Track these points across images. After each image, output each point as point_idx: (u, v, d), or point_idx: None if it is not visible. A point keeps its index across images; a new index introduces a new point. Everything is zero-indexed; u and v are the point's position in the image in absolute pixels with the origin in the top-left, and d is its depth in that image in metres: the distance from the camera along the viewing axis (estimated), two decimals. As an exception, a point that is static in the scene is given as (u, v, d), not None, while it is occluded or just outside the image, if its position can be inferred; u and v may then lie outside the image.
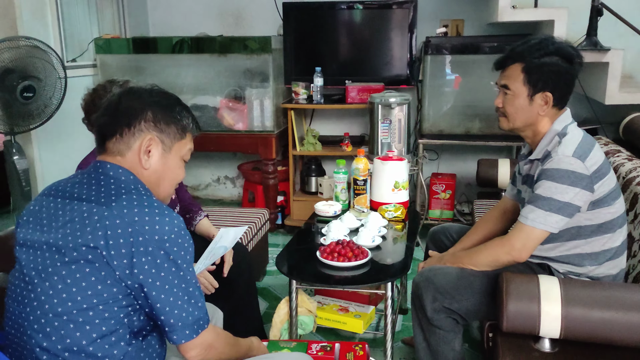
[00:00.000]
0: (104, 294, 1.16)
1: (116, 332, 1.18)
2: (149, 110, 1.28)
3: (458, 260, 1.86)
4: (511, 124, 1.80)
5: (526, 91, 1.73)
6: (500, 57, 1.80)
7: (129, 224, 1.15)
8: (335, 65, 3.80)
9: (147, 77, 3.74)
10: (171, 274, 1.18)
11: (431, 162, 3.94)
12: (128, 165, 1.28)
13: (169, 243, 1.18)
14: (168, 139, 1.31)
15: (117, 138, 1.27)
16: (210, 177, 4.59)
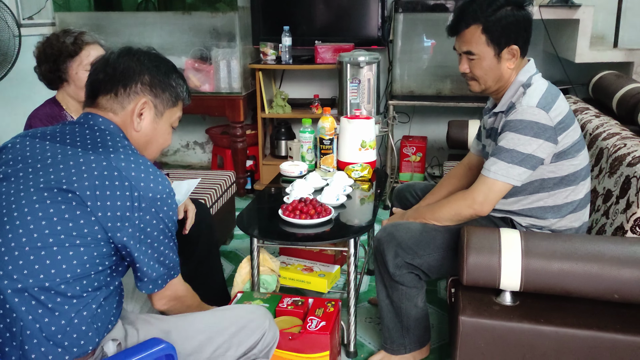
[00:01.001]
0: (84, 230, 1.14)
1: (89, 277, 1.16)
2: (146, 74, 1.29)
3: (420, 215, 1.83)
4: (483, 86, 1.74)
5: (492, 51, 1.67)
6: (451, 22, 1.73)
7: (127, 179, 1.16)
8: (305, 25, 3.70)
9: (109, 37, 3.56)
10: (157, 231, 1.21)
11: (402, 124, 3.89)
12: (119, 123, 1.28)
13: (160, 202, 1.20)
14: (161, 104, 1.32)
15: (111, 96, 1.27)
16: (178, 143, 4.49)
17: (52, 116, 1.85)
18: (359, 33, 3.62)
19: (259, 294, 1.92)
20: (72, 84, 1.86)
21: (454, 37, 1.76)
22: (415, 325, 1.86)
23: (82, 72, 1.84)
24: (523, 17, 1.65)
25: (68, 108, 1.92)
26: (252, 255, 1.95)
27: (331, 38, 3.60)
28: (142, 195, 1.17)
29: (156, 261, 1.24)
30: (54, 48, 1.83)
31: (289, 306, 1.83)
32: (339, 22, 3.66)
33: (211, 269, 2.14)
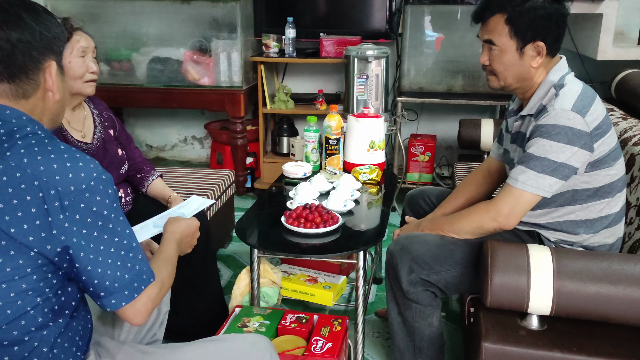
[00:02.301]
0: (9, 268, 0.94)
1: (26, 315, 0.97)
2: (38, 35, 1.04)
3: (437, 226, 1.67)
4: (502, 82, 1.58)
5: (514, 45, 1.51)
6: (477, 8, 1.57)
7: (34, 177, 0.93)
8: (309, 17, 3.52)
9: (104, 26, 3.41)
10: (98, 229, 0.99)
11: (410, 122, 3.72)
12: (30, 107, 1.06)
13: (88, 193, 0.97)
14: (60, 57, 1.10)
15: (17, 81, 1.03)
16: (176, 137, 4.32)
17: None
18: (366, 26, 3.44)
19: (259, 309, 1.77)
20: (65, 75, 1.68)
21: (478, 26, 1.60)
22: (428, 345, 1.70)
23: (75, 60, 1.67)
24: (556, 12, 1.48)
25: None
26: (252, 267, 1.79)
27: (337, 30, 3.42)
28: (61, 192, 0.94)
29: (114, 267, 1.00)
30: None
31: (292, 324, 1.67)
32: (345, 14, 3.48)
33: (207, 278, 1.98)
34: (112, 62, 3.51)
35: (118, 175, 1.88)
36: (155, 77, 3.44)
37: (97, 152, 1.82)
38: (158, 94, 3.43)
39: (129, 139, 2.01)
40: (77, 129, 1.80)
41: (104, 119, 1.92)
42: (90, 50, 1.71)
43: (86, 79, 1.70)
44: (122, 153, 1.92)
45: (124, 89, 3.47)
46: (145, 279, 1.06)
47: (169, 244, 1.28)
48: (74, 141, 1.76)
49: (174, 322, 2.00)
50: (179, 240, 1.33)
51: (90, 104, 1.92)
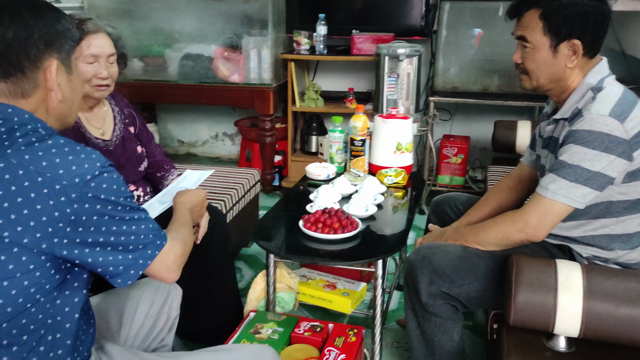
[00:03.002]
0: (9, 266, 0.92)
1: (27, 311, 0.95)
2: (37, 32, 1.01)
3: (461, 236, 1.58)
4: (534, 82, 1.48)
5: (548, 42, 1.41)
6: (513, 3, 1.48)
7: (37, 173, 0.92)
8: (343, 13, 3.45)
9: (137, 22, 3.43)
10: (107, 218, 0.98)
11: (443, 122, 3.61)
12: (32, 105, 1.03)
13: (94, 182, 0.96)
14: (67, 57, 1.07)
15: (14, 79, 1.01)
16: (207, 134, 4.32)
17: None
18: (401, 22, 3.35)
19: (273, 314, 1.71)
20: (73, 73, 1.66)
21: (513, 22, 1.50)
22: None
23: (83, 65, 1.64)
24: (595, 9, 1.37)
25: (72, 103, 1.74)
26: (267, 271, 1.74)
27: (370, 27, 3.34)
28: (66, 186, 0.93)
29: (121, 250, 1.01)
30: None
31: (306, 332, 1.62)
32: (379, 10, 3.40)
33: (224, 280, 1.95)
34: (145, 58, 3.53)
35: (136, 172, 1.86)
36: (186, 74, 3.43)
37: (115, 150, 1.80)
38: (188, 90, 3.43)
39: (150, 136, 1.99)
40: (96, 126, 1.78)
41: (125, 116, 1.90)
42: (104, 56, 1.67)
43: (94, 84, 1.67)
44: (141, 150, 1.90)
45: (156, 85, 3.48)
46: (159, 244, 1.07)
47: (182, 211, 1.36)
48: (91, 138, 1.74)
49: (189, 324, 1.98)
50: (190, 209, 1.40)
51: (112, 100, 1.90)
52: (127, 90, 3.50)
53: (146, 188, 1.89)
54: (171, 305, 1.42)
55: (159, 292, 1.40)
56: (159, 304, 1.40)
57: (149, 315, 1.37)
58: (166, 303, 1.41)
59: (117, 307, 1.33)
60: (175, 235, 1.17)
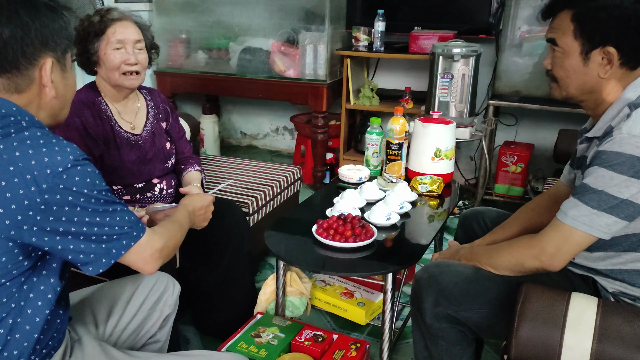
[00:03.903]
0: None
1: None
2: (34, 31, 1.04)
3: (475, 257, 1.46)
4: (564, 92, 1.34)
5: (578, 47, 1.26)
6: (546, 2, 1.33)
7: (10, 162, 0.94)
8: (406, 9, 3.33)
9: (201, 16, 3.51)
10: (79, 209, 0.99)
11: (508, 128, 3.40)
12: (25, 100, 1.06)
13: (66, 174, 0.97)
14: (62, 54, 1.09)
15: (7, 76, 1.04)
16: (268, 127, 4.35)
17: (84, 102, 1.73)
18: (466, 19, 3.18)
19: (279, 319, 1.68)
20: (102, 66, 1.72)
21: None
22: (458, 387, 1.51)
23: (111, 52, 1.69)
24: (637, 14, 1.21)
25: (104, 93, 1.79)
26: (277, 275, 1.71)
27: (433, 24, 3.20)
28: (37, 176, 0.94)
29: (94, 240, 1.02)
30: (83, 28, 1.69)
31: (307, 341, 1.57)
32: (443, 6, 3.25)
33: (239, 279, 1.94)
34: (209, 50, 3.60)
35: (163, 168, 1.88)
36: (244, 67, 3.47)
37: (144, 144, 1.83)
38: (246, 83, 3.46)
39: (181, 132, 2.01)
40: (127, 120, 1.82)
41: (159, 112, 1.93)
42: (131, 42, 1.71)
43: (123, 71, 1.71)
44: (170, 147, 1.92)
45: (217, 78, 3.54)
46: (135, 235, 1.08)
47: (181, 212, 1.40)
48: (121, 132, 1.78)
49: (206, 318, 2.00)
50: (191, 212, 1.44)
51: (148, 95, 1.94)
52: (190, 82, 3.61)
53: (171, 182, 1.92)
54: (166, 302, 1.42)
55: (155, 288, 1.41)
56: (153, 300, 1.40)
57: (141, 310, 1.38)
58: (161, 299, 1.42)
59: (110, 298, 1.35)
60: (159, 230, 1.18)
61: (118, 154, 1.74)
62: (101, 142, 1.71)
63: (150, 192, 1.83)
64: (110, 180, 1.75)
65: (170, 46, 3.65)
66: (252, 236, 2.21)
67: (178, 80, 3.62)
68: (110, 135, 1.75)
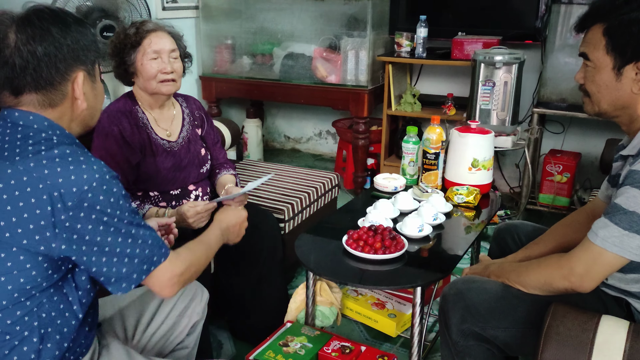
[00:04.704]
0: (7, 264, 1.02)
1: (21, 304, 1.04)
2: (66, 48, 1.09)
3: (504, 274, 1.43)
4: (596, 107, 1.30)
5: (611, 62, 1.23)
6: (580, 15, 1.29)
7: (39, 180, 0.99)
8: (450, 15, 3.29)
9: (244, 22, 3.58)
10: (102, 225, 1.02)
11: (555, 136, 3.30)
12: (56, 114, 1.11)
13: (91, 193, 1.01)
14: (92, 67, 1.15)
15: (42, 92, 1.09)
16: (312, 131, 4.39)
17: (122, 111, 1.80)
18: (511, 25, 3.11)
19: (309, 329, 1.70)
20: (139, 76, 1.79)
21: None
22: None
23: (147, 62, 1.76)
24: None
25: (141, 102, 1.86)
26: (307, 285, 1.73)
27: (477, 30, 3.15)
28: (64, 194, 0.98)
29: (116, 262, 1.05)
30: (119, 41, 1.77)
31: (334, 352, 1.58)
32: (488, 11, 3.19)
33: (272, 285, 1.97)
34: (252, 56, 3.66)
35: (198, 174, 1.94)
36: (287, 73, 3.51)
37: (179, 151, 1.89)
38: (288, 89, 3.50)
39: (216, 139, 2.06)
40: (163, 127, 1.89)
41: (194, 118, 1.99)
42: (166, 52, 1.77)
43: (160, 79, 1.77)
44: (205, 153, 1.98)
45: (259, 83, 3.60)
46: (156, 260, 1.10)
47: (212, 230, 1.38)
48: (157, 139, 1.85)
49: (238, 325, 2.05)
50: (224, 229, 1.41)
51: (184, 102, 2.00)
52: (235, 87, 3.68)
53: (206, 188, 1.97)
54: (194, 309, 1.47)
55: (183, 295, 1.45)
56: (182, 307, 1.45)
57: (169, 316, 1.42)
58: (189, 306, 1.46)
59: (139, 304, 1.40)
60: (183, 253, 1.19)
61: (154, 162, 1.81)
62: (138, 150, 1.78)
63: (186, 198, 1.89)
64: (146, 187, 1.82)
65: (216, 52, 3.73)
66: (287, 243, 2.24)
67: (223, 85, 3.70)
68: (147, 143, 1.82)
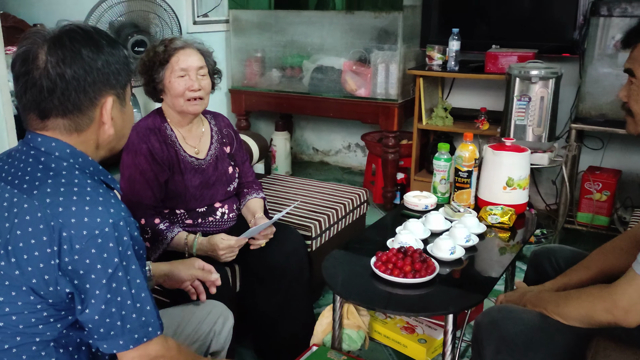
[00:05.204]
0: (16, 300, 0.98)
1: (35, 343, 1.00)
2: (96, 72, 1.04)
3: (542, 303, 1.36)
4: (638, 127, 1.22)
5: None
6: (627, 30, 1.22)
7: (52, 217, 0.95)
8: (484, 27, 3.22)
9: (274, 35, 3.57)
10: (106, 277, 0.96)
11: (594, 152, 3.18)
12: (79, 141, 1.06)
13: (101, 239, 0.95)
14: (122, 90, 1.09)
15: (68, 118, 1.04)
16: (341, 144, 4.34)
17: (150, 128, 1.79)
18: (548, 37, 3.02)
19: (335, 353, 1.65)
20: (167, 93, 1.78)
21: None
22: None
23: (175, 80, 1.74)
24: None
25: (170, 119, 1.85)
26: (334, 307, 1.68)
27: (513, 42, 3.06)
28: (73, 235, 0.94)
29: (108, 322, 0.98)
30: (148, 58, 1.76)
31: (360, 378, 1.53)
32: (523, 24, 3.10)
33: (297, 305, 1.92)
34: (281, 69, 3.65)
35: (225, 192, 1.91)
36: (316, 86, 3.48)
37: (207, 168, 1.87)
38: (317, 102, 3.47)
39: (245, 157, 2.03)
40: (191, 144, 1.87)
41: (223, 136, 1.97)
42: (194, 70, 1.75)
43: (187, 97, 1.75)
44: (232, 171, 1.95)
45: (289, 96, 3.58)
46: (151, 331, 1.03)
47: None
48: (185, 156, 1.83)
49: (262, 344, 2.00)
50: None
51: (212, 120, 1.98)
52: (264, 100, 3.67)
53: (233, 206, 1.94)
54: (219, 332, 1.43)
55: (209, 318, 1.42)
56: (206, 330, 1.41)
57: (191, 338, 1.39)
58: (213, 329, 1.42)
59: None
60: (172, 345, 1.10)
61: (182, 179, 1.79)
62: (166, 167, 1.77)
63: (212, 216, 1.86)
64: (173, 204, 1.80)
65: (246, 65, 3.73)
66: (314, 260, 2.20)
67: (252, 98, 3.70)
68: (175, 161, 1.80)
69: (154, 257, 1.70)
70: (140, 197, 1.72)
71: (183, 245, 1.71)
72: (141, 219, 1.69)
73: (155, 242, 1.70)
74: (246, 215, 1.96)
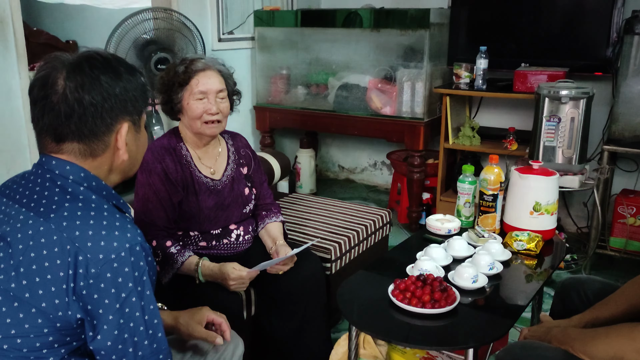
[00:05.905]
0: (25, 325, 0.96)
1: None
2: (113, 99, 1.04)
3: (568, 340, 1.28)
4: None
5: None
6: None
7: (68, 241, 0.94)
8: (513, 45, 3.14)
9: (300, 52, 3.56)
10: (120, 301, 0.96)
11: (628, 174, 3.06)
12: (94, 166, 1.05)
13: (117, 263, 0.95)
14: (138, 116, 1.10)
15: (83, 143, 1.04)
16: (366, 161, 4.30)
17: (166, 148, 1.78)
18: (579, 56, 2.93)
19: (350, 383, 1.59)
20: (185, 114, 1.76)
21: None
22: None
23: (193, 102, 1.73)
24: None
25: (186, 140, 1.83)
26: (350, 336, 1.62)
27: (542, 61, 2.99)
28: (89, 259, 0.93)
29: (126, 343, 0.97)
30: (168, 78, 1.75)
31: (376, 412, 1.46)
32: (553, 42, 3.02)
33: (314, 333, 1.88)
34: (306, 87, 3.64)
35: (241, 214, 1.88)
36: (341, 104, 3.45)
37: (222, 189, 1.84)
38: (342, 120, 3.44)
39: (263, 178, 2.00)
40: (207, 165, 1.85)
41: (240, 157, 1.94)
42: (213, 93, 1.73)
43: (204, 120, 1.73)
44: (248, 192, 1.92)
45: (313, 114, 3.56)
46: (162, 359, 1.02)
47: None
48: (201, 177, 1.81)
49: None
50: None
51: (230, 140, 1.96)
52: (289, 117, 3.66)
53: (248, 228, 1.91)
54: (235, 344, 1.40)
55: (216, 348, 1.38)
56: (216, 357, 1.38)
57: None
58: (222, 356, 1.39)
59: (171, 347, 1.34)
60: None
61: (196, 201, 1.77)
62: (180, 188, 1.75)
63: (226, 238, 1.83)
64: (187, 226, 1.77)
65: (271, 82, 3.73)
66: (333, 283, 2.15)
67: (277, 115, 3.69)
68: (190, 182, 1.78)
69: (164, 281, 1.68)
70: (153, 218, 1.70)
71: (194, 270, 1.69)
72: (152, 241, 1.68)
73: (166, 265, 1.67)
74: (265, 240, 1.92)
